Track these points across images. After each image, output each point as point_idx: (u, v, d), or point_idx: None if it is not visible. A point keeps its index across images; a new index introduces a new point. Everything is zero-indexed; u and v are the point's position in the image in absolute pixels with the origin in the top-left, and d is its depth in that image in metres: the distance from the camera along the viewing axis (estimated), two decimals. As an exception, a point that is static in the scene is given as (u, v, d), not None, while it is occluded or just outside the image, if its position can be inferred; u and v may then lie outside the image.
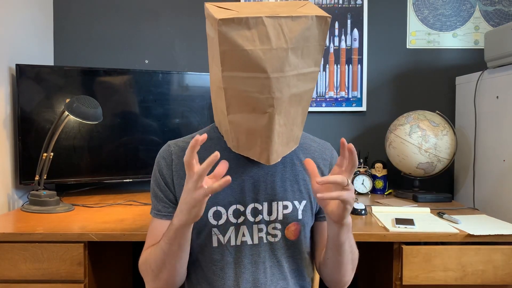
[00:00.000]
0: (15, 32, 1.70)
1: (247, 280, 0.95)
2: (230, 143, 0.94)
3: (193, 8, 2.08)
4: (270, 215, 0.97)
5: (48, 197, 1.55)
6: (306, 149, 1.03)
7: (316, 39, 0.82)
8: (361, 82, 2.09)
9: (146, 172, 1.87)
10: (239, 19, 0.76)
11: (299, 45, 0.80)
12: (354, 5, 2.08)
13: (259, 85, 0.79)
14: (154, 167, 1.00)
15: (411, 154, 1.79)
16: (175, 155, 0.98)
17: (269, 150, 0.86)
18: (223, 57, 0.79)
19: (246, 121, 0.85)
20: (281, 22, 0.77)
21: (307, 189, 1.00)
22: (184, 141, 1.00)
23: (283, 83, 0.80)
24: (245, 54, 0.77)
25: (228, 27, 0.76)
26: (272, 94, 0.80)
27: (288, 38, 0.78)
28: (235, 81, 0.81)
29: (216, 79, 0.86)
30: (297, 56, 0.80)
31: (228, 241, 0.96)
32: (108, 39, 2.06)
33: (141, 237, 1.25)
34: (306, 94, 0.87)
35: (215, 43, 0.80)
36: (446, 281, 1.30)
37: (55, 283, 1.27)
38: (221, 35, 0.76)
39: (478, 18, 2.08)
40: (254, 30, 0.77)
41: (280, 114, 0.83)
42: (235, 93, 0.82)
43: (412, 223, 1.36)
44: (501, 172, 1.65)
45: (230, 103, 0.84)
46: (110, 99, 1.80)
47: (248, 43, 0.77)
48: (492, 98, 1.71)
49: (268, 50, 0.77)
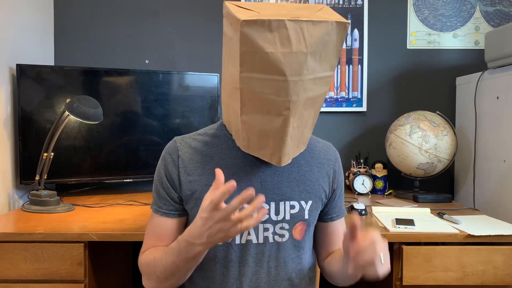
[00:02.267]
0: (16, 32, 1.71)
1: (251, 279, 0.95)
2: (239, 142, 0.94)
3: (193, 8, 2.08)
4: (277, 215, 0.97)
5: (48, 197, 1.55)
6: (312, 149, 1.04)
7: (334, 44, 0.83)
8: (362, 83, 2.10)
9: (147, 172, 1.87)
10: (262, 21, 0.76)
11: (318, 50, 0.80)
12: (354, 5, 2.08)
13: (277, 87, 0.80)
14: (159, 163, 1.00)
15: (411, 154, 1.79)
16: (182, 151, 0.97)
17: (281, 152, 0.87)
18: (242, 58, 0.79)
19: (259, 122, 0.85)
20: (302, 26, 0.78)
21: (313, 189, 1.00)
22: (191, 138, 1.00)
23: (300, 87, 0.80)
24: (265, 56, 0.77)
25: (251, 29, 0.76)
26: (289, 97, 0.80)
27: (309, 42, 0.78)
28: (253, 82, 0.81)
29: (232, 79, 0.86)
30: (315, 60, 0.81)
31: (233, 239, 0.96)
32: (108, 39, 2.06)
33: (141, 237, 1.24)
34: (320, 97, 0.88)
35: (234, 43, 0.79)
36: (446, 281, 1.30)
37: (55, 283, 1.27)
38: (243, 36, 0.76)
39: (478, 19, 2.08)
40: (276, 32, 0.77)
41: (294, 117, 0.83)
42: (251, 94, 0.82)
43: (412, 223, 1.36)
44: (501, 173, 1.65)
45: (245, 104, 0.84)
46: (110, 99, 1.80)
47: (269, 46, 0.77)
48: (493, 98, 1.71)
49: (288, 54, 0.77)
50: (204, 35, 2.08)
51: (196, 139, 1.00)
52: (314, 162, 1.02)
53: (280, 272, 0.97)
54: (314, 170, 1.02)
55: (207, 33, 2.08)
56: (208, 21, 2.08)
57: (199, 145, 0.98)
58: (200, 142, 0.99)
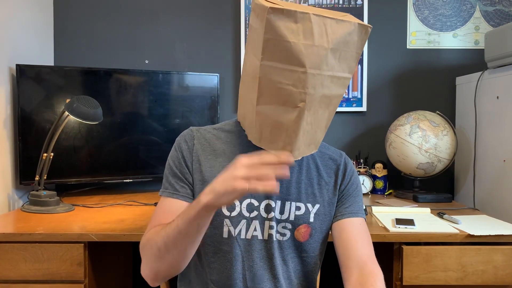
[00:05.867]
0: (15, 32, 1.70)
1: (254, 274, 0.95)
2: (251, 136, 0.94)
3: (193, 8, 2.08)
4: (282, 214, 0.97)
5: (48, 197, 1.55)
6: (322, 156, 1.05)
7: (355, 46, 0.85)
8: (362, 82, 2.09)
9: (146, 172, 1.87)
10: (288, 11, 0.78)
11: (339, 48, 0.82)
12: (354, 5, 2.08)
13: (295, 78, 0.81)
14: (172, 149, 1.00)
15: (411, 154, 1.79)
16: (197, 140, 0.99)
17: (292, 145, 0.87)
18: (265, 45, 0.81)
19: (274, 113, 0.86)
20: (326, 22, 0.80)
21: (322, 194, 1.00)
22: (206, 130, 1.02)
23: (318, 81, 0.82)
24: (287, 45, 0.79)
25: (277, 17, 0.78)
26: (306, 89, 0.81)
27: (330, 38, 0.80)
28: (272, 71, 0.82)
29: (252, 68, 0.87)
30: (335, 57, 0.83)
31: (239, 234, 0.96)
32: (108, 39, 2.06)
33: (141, 238, 1.25)
34: (336, 98, 0.88)
35: (259, 33, 0.81)
36: (446, 281, 1.30)
37: (55, 283, 1.27)
38: (268, 23, 0.78)
39: (478, 18, 2.08)
40: (300, 24, 0.79)
41: (309, 111, 0.84)
42: (270, 84, 0.84)
43: (413, 223, 1.36)
44: (501, 172, 1.65)
45: (262, 93, 0.86)
46: (110, 99, 1.80)
47: (292, 36, 0.79)
48: (493, 98, 1.71)
49: (310, 46, 0.79)
50: (204, 35, 2.08)
51: (211, 132, 1.02)
52: (323, 167, 1.03)
53: (281, 271, 0.97)
54: (323, 174, 1.02)
55: (207, 33, 2.08)
56: (208, 21, 2.08)
57: (213, 138, 1.00)
58: (215, 136, 1.01)
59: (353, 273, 0.90)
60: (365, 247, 0.95)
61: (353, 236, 0.96)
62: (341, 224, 0.99)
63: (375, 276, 0.89)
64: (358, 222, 0.99)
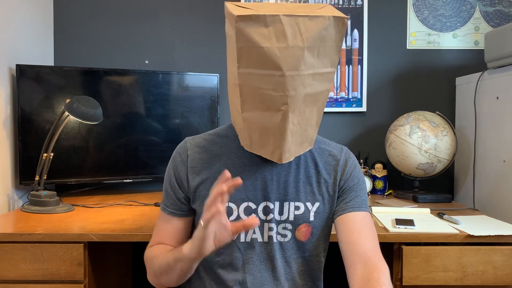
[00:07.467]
0: (15, 32, 1.70)
1: (255, 277, 0.95)
2: (243, 142, 0.94)
3: (193, 8, 2.08)
4: (281, 215, 0.97)
5: (48, 197, 1.55)
6: (322, 152, 1.03)
7: (333, 39, 0.82)
8: (361, 83, 2.10)
9: (146, 172, 1.87)
10: (257, 16, 0.77)
11: (316, 45, 0.80)
12: (354, 5, 2.08)
13: (274, 82, 0.80)
14: (169, 163, 1.02)
15: (411, 154, 1.79)
16: (191, 150, 0.99)
17: (281, 148, 0.87)
18: (239, 54, 0.80)
19: (260, 119, 0.85)
20: (298, 21, 0.78)
21: (321, 192, 0.99)
22: (201, 138, 1.02)
23: (298, 82, 0.80)
24: (261, 51, 0.78)
25: (246, 24, 0.77)
26: (286, 92, 0.80)
27: (305, 37, 0.78)
28: (251, 78, 0.81)
29: (233, 76, 0.87)
30: (313, 55, 0.81)
31: (238, 237, 0.96)
32: (108, 39, 2.06)
33: (141, 238, 1.25)
34: (322, 94, 0.87)
35: (233, 41, 0.80)
36: (446, 281, 1.30)
37: (55, 283, 1.26)
38: (239, 31, 0.77)
39: (478, 19, 2.08)
40: (271, 27, 0.77)
41: (294, 112, 0.83)
42: (250, 90, 0.83)
43: (412, 223, 1.36)
44: (501, 173, 1.65)
45: (245, 100, 0.85)
46: (110, 99, 1.80)
47: (265, 40, 0.77)
48: (492, 98, 1.71)
49: (284, 48, 0.78)
50: (204, 35, 2.08)
51: (206, 139, 1.02)
52: (322, 164, 1.01)
53: (283, 272, 0.97)
54: (322, 172, 1.00)
55: (207, 33, 2.08)
56: (208, 21, 2.08)
57: (208, 144, 1.00)
58: (210, 141, 1.01)
59: (357, 268, 0.88)
60: (369, 241, 0.91)
61: (355, 231, 0.93)
62: (343, 219, 0.96)
63: (379, 271, 0.85)
64: (361, 216, 0.96)
